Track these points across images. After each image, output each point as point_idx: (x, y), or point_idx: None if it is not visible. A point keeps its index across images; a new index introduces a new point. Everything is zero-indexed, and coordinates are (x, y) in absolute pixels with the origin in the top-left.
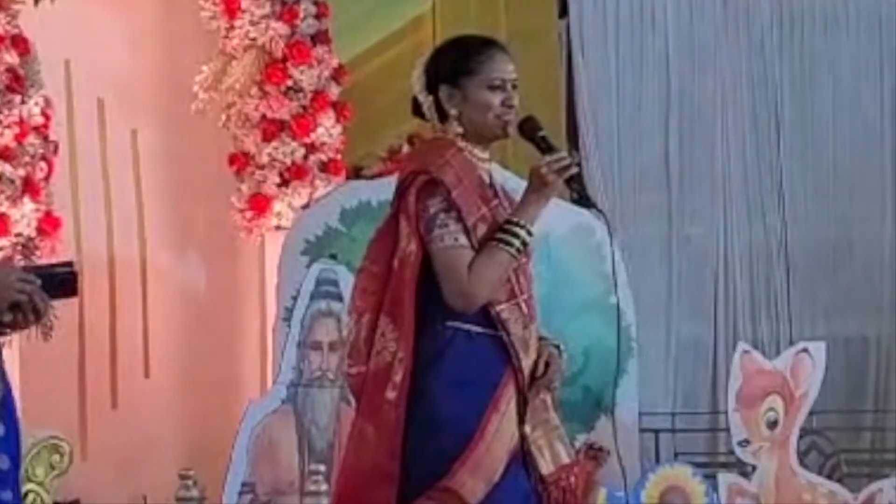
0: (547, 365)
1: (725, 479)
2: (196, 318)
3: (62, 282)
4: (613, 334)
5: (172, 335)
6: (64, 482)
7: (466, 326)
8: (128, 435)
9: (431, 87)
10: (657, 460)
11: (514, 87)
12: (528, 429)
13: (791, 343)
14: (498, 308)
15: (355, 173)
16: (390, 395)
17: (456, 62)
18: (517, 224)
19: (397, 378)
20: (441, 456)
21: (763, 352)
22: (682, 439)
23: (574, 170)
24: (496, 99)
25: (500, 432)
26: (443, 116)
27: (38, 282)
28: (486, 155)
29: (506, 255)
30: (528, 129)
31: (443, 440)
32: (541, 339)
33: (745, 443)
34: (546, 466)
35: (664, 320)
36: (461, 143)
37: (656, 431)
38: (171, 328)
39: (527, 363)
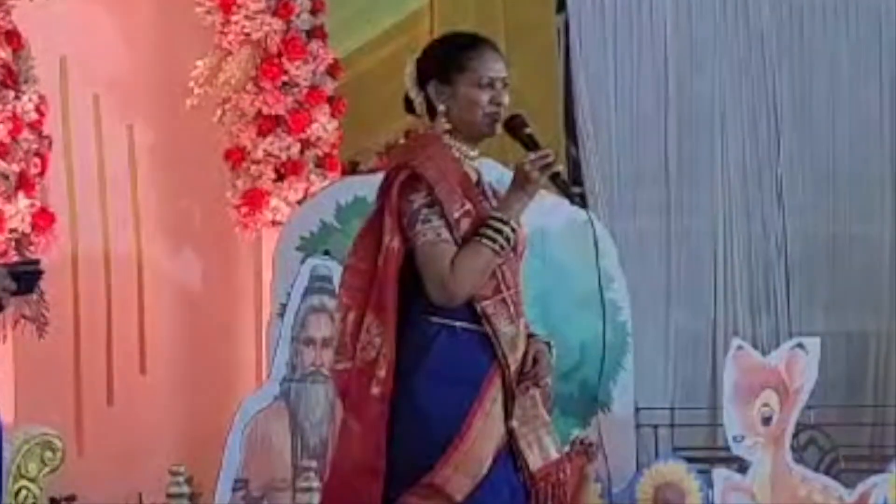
0: (535, 361)
1: (720, 474)
2: (192, 313)
3: (26, 280)
4: (610, 330)
5: (168, 331)
6: (60, 478)
7: (451, 322)
8: (124, 431)
9: (422, 83)
10: (656, 455)
11: (505, 85)
12: (514, 424)
13: (790, 338)
14: (483, 303)
15: (351, 169)
16: (375, 390)
17: (446, 59)
18: (500, 220)
19: (381, 374)
20: (426, 452)
21: (762, 347)
22: (681, 434)
23: (558, 167)
24: (484, 97)
25: (486, 429)
26: (432, 112)
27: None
28: (474, 152)
29: (489, 251)
30: (515, 126)
31: (428, 436)
32: (530, 335)
33: (739, 438)
34: (534, 462)
35: (663, 315)
36: (448, 140)
37: (655, 427)
38: (166, 324)
39: (514, 359)
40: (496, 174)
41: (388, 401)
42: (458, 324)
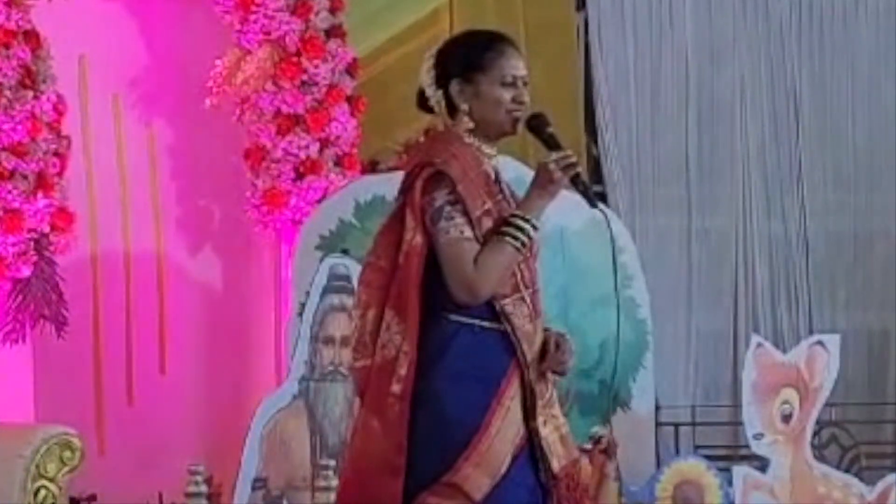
0: (557, 346)
1: (740, 472)
2: (212, 313)
3: None
4: (629, 328)
5: (188, 330)
6: (80, 478)
7: (471, 320)
8: (144, 430)
9: (441, 82)
10: (677, 453)
11: (525, 84)
12: (540, 421)
13: (812, 336)
14: (502, 302)
15: (370, 168)
16: (395, 388)
17: (468, 57)
18: (523, 218)
19: (402, 371)
20: (445, 450)
21: (783, 344)
22: (701, 432)
23: (579, 168)
24: (507, 95)
25: (505, 427)
26: (452, 111)
27: None
28: (493, 151)
29: (511, 249)
30: (537, 125)
31: (447, 434)
32: (546, 329)
33: (759, 436)
34: (557, 462)
35: (684, 313)
36: (468, 139)
37: (676, 425)
38: (186, 323)
39: (531, 357)
40: (516, 172)
41: (409, 399)
42: (476, 322)
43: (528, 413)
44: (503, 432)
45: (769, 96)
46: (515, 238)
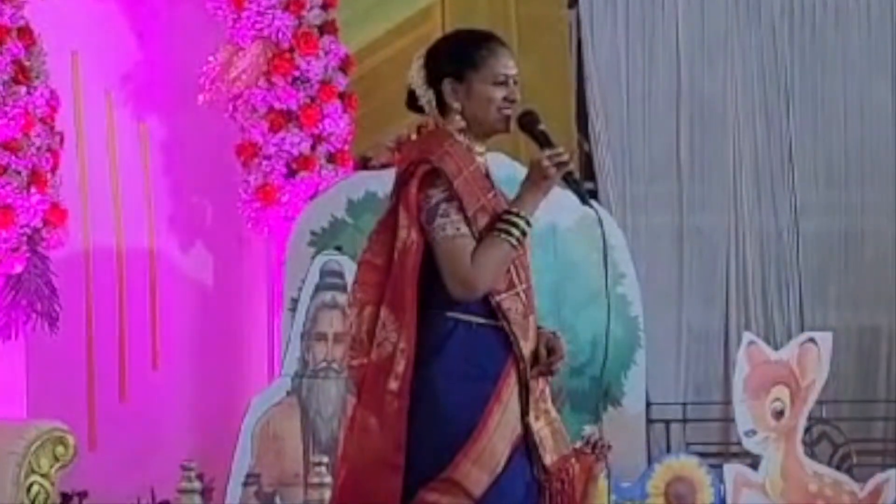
0: (551, 350)
1: (731, 469)
2: (204, 309)
3: None
4: (621, 325)
5: (180, 327)
6: (72, 473)
7: (467, 317)
8: (136, 426)
9: (433, 82)
10: (668, 450)
11: (516, 82)
12: (532, 416)
13: (803, 333)
14: (498, 298)
15: (363, 164)
16: (393, 385)
17: (459, 56)
18: (517, 215)
19: (399, 369)
20: (444, 447)
21: (775, 342)
22: (693, 430)
23: (571, 166)
24: (499, 94)
25: (503, 423)
26: (443, 110)
27: None
28: (482, 148)
29: (506, 245)
30: (528, 122)
31: (445, 431)
32: (539, 328)
33: (751, 433)
34: (549, 457)
35: (675, 310)
36: (459, 137)
37: (667, 422)
38: (179, 320)
39: (527, 353)
40: (508, 171)
41: (407, 396)
42: (473, 319)
43: (523, 408)
44: (501, 428)
45: (761, 94)
46: (510, 234)
